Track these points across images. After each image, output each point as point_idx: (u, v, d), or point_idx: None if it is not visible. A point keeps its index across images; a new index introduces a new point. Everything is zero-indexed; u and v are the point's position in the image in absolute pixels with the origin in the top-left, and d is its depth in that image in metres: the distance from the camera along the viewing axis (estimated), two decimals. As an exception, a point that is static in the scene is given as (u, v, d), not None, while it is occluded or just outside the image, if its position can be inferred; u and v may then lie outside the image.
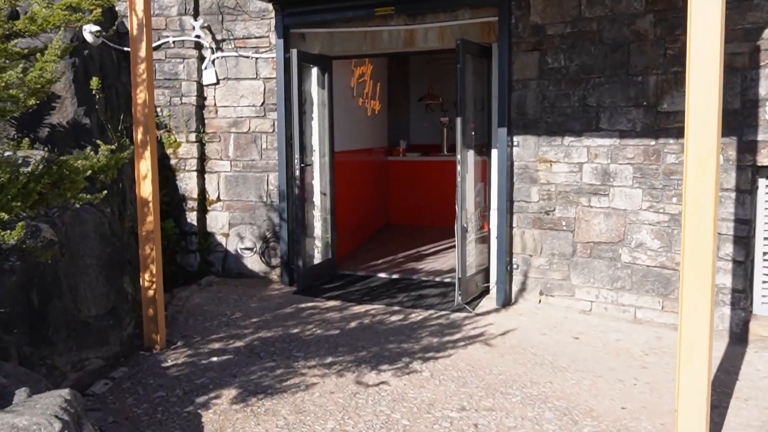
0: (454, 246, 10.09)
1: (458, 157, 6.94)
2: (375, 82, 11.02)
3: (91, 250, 5.52)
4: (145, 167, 5.47)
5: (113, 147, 4.27)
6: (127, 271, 6.19)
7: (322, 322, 6.49)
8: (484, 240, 7.58)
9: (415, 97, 13.82)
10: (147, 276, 5.60)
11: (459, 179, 6.96)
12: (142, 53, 5.52)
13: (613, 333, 6.21)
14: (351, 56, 8.81)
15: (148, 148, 5.46)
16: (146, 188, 5.51)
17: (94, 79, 7.27)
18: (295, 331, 6.21)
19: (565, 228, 6.87)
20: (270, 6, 7.89)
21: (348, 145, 9.59)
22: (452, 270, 8.46)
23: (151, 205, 5.50)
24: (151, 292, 5.61)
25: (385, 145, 12.07)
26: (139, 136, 5.48)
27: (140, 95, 5.50)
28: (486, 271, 7.54)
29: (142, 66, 5.49)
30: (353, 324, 6.42)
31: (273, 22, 7.91)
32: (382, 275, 8.35)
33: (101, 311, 5.51)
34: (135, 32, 5.51)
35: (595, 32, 6.60)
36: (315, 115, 8.14)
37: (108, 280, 5.70)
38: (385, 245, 10.28)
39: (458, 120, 6.90)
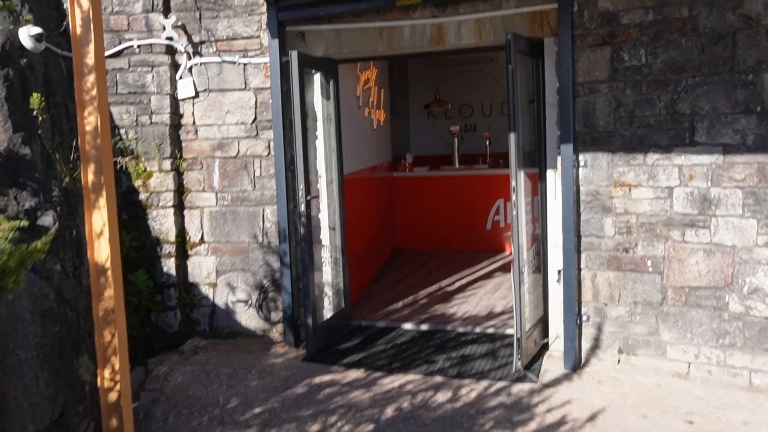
0: (479, 278, 8.70)
1: (513, 183, 5.38)
2: (379, 88, 9.47)
3: (26, 339, 3.91)
4: (99, 221, 3.86)
5: (19, 224, 2.67)
6: (84, 349, 4.59)
7: (348, 409, 4.91)
8: (538, 283, 6.04)
9: (416, 104, 12.33)
10: (107, 373, 3.98)
11: (514, 211, 5.41)
12: (90, 59, 3.93)
13: (732, 410, 4.72)
14: (363, 58, 7.25)
15: (104, 192, 3.85)
16: (102, 250, 3.89)
17: (34, 95, 5.64)
18: (315, 429, 4.61)
19: (650, 269, 5.36)
20: (260, -2, 6.30)
21: (355, 165, 8.02)
22: (491, 315, 6.93)
23: (110, 273, 3.89)
24: (113, 395, 3.99)
25: (389, 160, 10.51)
26: (90, 177, 3.87)
27: (89, 120, 3.90)
28: (544, 323, 6.01)
29: (90, 78, 3.89)
30: (389, 411, 4.85)
31: (265, 18, 6.32)
32: (408, 326, 6.78)
33: (43, 424, 3.90)
34: (78, 30, 3.91)
35: (686, 20, 5.10)
36: (320, 132, 6.57)
37: (54, 374, 4.09)
38: (400, 279, 8.71)
39: (511, 136, 5.35)
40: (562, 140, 5.47)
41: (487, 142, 11.09)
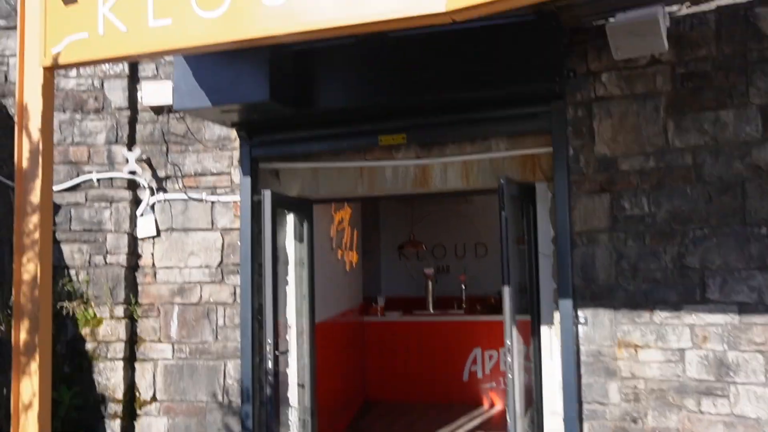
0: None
1: (507, 342, 4.81)
2: (352, 228, 9.02)
3: None
4: (28, 391, 3.16)
5: None
6: None
7: None
8: (534, 454, 5.35)
9: (387, 243, 11.90)
10: None
11: (508, 374, 4.81)
12: (35, 197, 3.39)
13: None
14: (341, 199, 6.82)
15: (37, 356, 3.18)
16: (29, 428, 3.16)
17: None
18: None
19: (663, 443, 4.74)
20: (233, 133, 5.90)
21: (327, 312, 7.41)
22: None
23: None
24: None
25: (360, 303, 9.91)
26: (23, 336, 3.23)
27: (27, 267, 3.31)
28: (542, 503, 5.27)
29: (34, 219, 3.34)
30: None
31: (237, 154, 5.90)
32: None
33: None
34: (25, 164, 3.39)
35: (690, 167, 4.78)
36: (291, 278, 6.01)
37: None
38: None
39: (505, 289, 4.84)
40: (560, 294, 4.99)
41: (462, 286, 10.61)
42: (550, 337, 5.27)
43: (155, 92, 5.90)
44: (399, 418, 8.92)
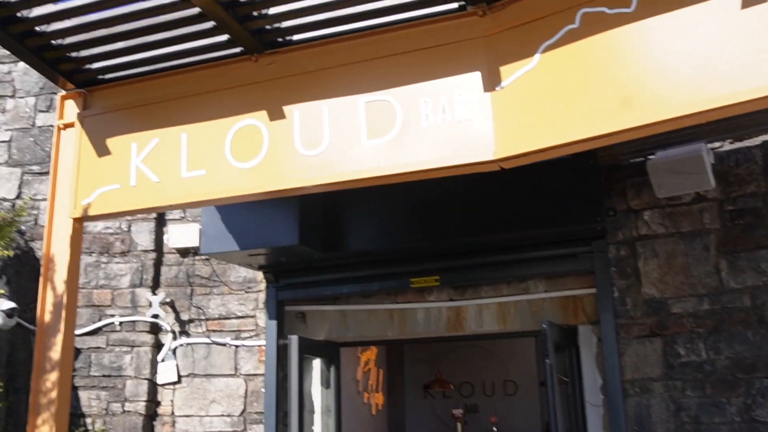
0: None
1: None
2: (378, 368, 8.66)
3: None
4: None
5: None
6: None
7: None
8: None
9: (412, 381, 11.41)
10: None
11: None
12: (55, 353, 3.20)
13: None
14: (370, 342, 6.55)
15: None
16: None
17: (-10, 383, 4.83)
18: None
19: None
20: (259, 275, 5.73)
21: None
22: None
23: None
24: None
25: (386, 449, 9.39)
26: None
27: (41, 430, 3.03)
28: None
29: (52, 377, 3.11)
30: None
31: (262, 296, 5.71)
32: None
33: None
34: (47, 317, 3.21)
35: (749, 309, 4.50)
36: (317, 427, 5.64)
37: None
38: None
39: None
40: (615, 451, 4.59)
41: (494, 429, 10.04)
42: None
43: (182, 234, 5.81)
44: None
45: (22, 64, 6.25)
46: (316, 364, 5.78)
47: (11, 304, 5.27)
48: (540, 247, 4.99)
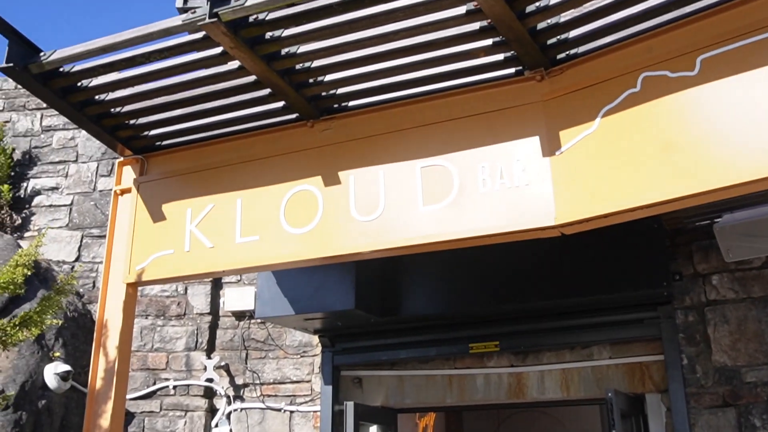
0: None
1: None
2: (436, 434, 8.40)
3: None
4: None
5: None
6: None
7: None
8: None
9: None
10: None
11: None
12: (105, 421, 3.17)
13: None
14: (428, 409, 6.36)
15: None
16: None
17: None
18: None
19: None
20: (315, 339, 5.66)
21: None
22: None
23: None
24: None
25: None
26: None
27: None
28: None
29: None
30: None
31: (318, 360, 5.62)
32: None
33: None
34: (98, 383, 3.19)
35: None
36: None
37: None
38: None
39: None
40: None
41: None
42: None
43: (237, 298, 5.81)
44: None
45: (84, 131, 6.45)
46: (373, 430, 5.63)
47: (66, 368, 5.31)
48: (604, 312, 4.81)
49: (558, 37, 2.94)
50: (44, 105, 6.64)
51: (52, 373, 5.24)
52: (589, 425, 10.23)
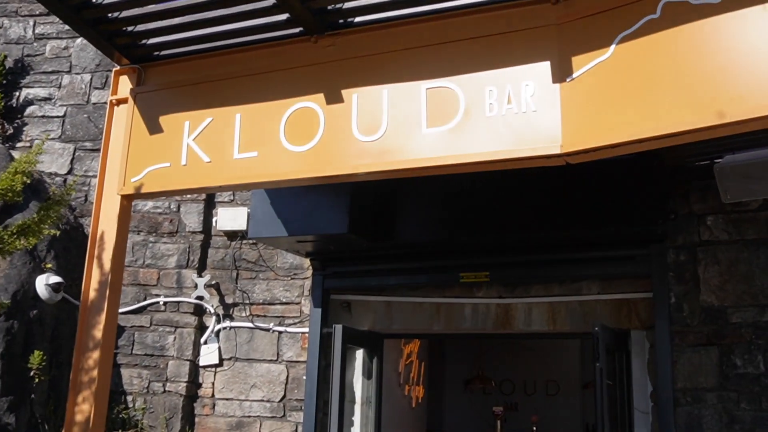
0: None
1: None
2: (420, 361, 8.55)
3: None
4: None
5: None
6: None
7: None
8: None
9: (452, 376, 11.27)
10: None
11: None
12: (98, 332, 3.21)
13: None
14: (414, 335, 6.45)
15: None
16: None
17: (35, 353, 4.89)
18: None
19: None
20: (306, 262, 5.67)
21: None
22: None
23: None
24: None
25: (422, 440, 9.30)
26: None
27: (81, 407, 3.07)
28: None
29: (94, 355, 3.11)
30: None
31: (308, 283, 5.66)
32: None
33: None
34: (92, 295, 3.18)
35: (816, 325, 4.28)
36: (356, 418, 5.58)
37: None
38: None
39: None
40: (663, 461, 4.42)
41: (534, 428, 9.87)
42: None
43: (230, 218, 5.79)
44: None
45: (79, 40, 6.29)
46: (359, 354, 5.72)
47: (58, 279, 5.31)
48: (595, 247, 4.85)
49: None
50: (37, 11, 6.48)
51: (44, 284, 5.24)
52: (568, 361, 10.46)
